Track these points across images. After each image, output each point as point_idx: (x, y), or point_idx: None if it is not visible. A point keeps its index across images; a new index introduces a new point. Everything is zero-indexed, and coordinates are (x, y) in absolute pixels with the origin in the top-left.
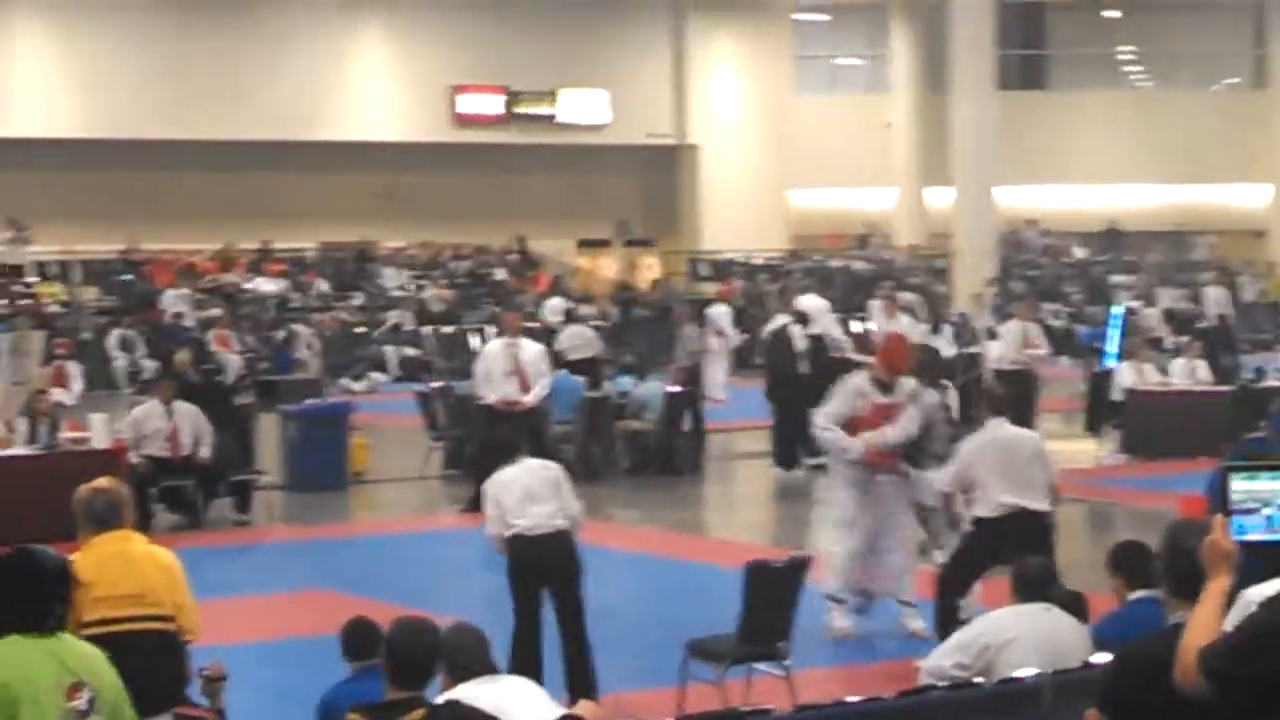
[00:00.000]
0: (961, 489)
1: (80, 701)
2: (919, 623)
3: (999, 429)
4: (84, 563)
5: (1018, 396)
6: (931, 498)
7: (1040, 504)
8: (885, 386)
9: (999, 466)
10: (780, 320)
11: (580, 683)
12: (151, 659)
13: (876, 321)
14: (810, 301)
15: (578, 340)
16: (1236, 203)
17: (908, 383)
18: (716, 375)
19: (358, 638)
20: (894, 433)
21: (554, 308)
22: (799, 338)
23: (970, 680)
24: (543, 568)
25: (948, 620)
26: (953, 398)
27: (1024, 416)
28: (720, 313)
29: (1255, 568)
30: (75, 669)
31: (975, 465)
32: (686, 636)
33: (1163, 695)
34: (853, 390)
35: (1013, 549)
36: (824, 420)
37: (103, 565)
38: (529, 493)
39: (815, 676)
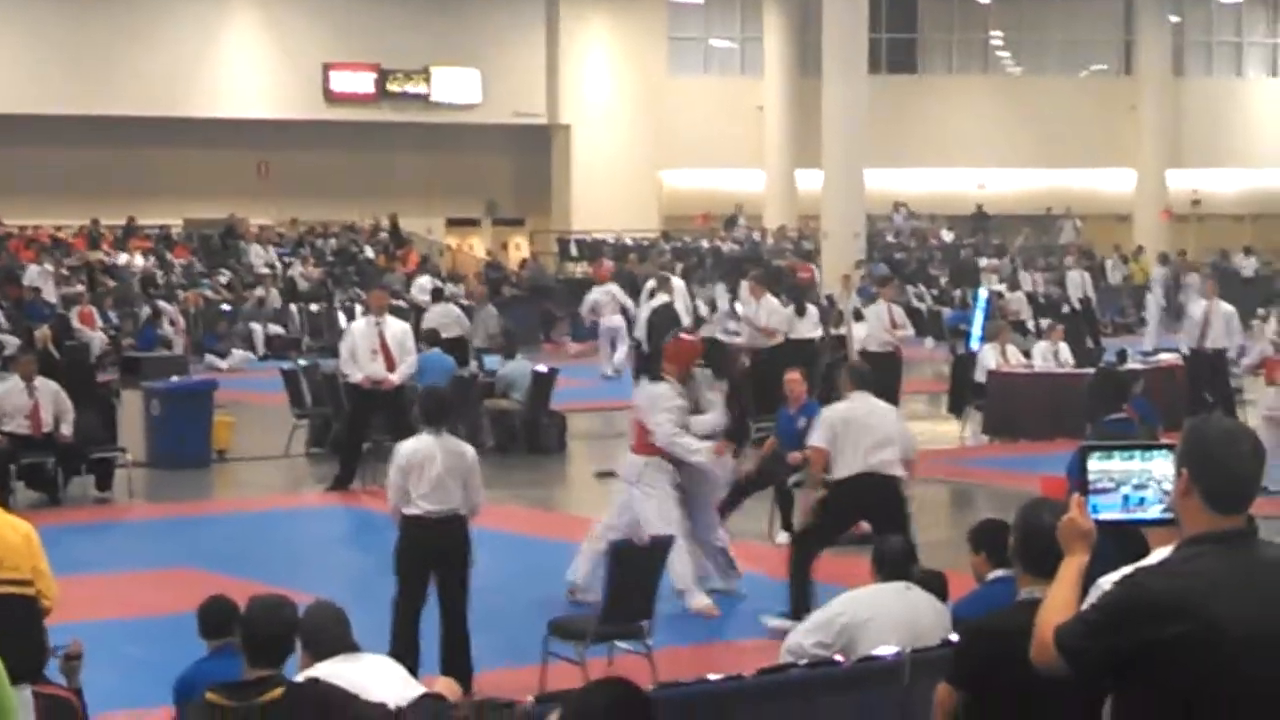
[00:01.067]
0: (830, 446)
1: None
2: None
3: (862, 401)
4: None
5: (883, 378)
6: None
7: (894, 470)
8: (683, 382)
9: (858, 434)
10: (663, 298)
11: (457, 665)
12: (9, 623)
13: (744, 303)
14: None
15: (445, 319)
16: (1102, 188)
17: (697, 373)
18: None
19: (214, 616)
20: (714, 420)
21: (422, 286)
22: (684, 314)
23: (830, 658)
24: (435, 550)
25: (801, 587)
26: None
27: (889, 398)
28: (615, 290)
29: (1108, 547)
30: None
31: (838, 426)
32: (549, 615)
33: (1013, 668)
34: (671, 393)
35: (869, 516)
36: (672, 428)
37: None
38: (441, 481)
39: (676, 655)
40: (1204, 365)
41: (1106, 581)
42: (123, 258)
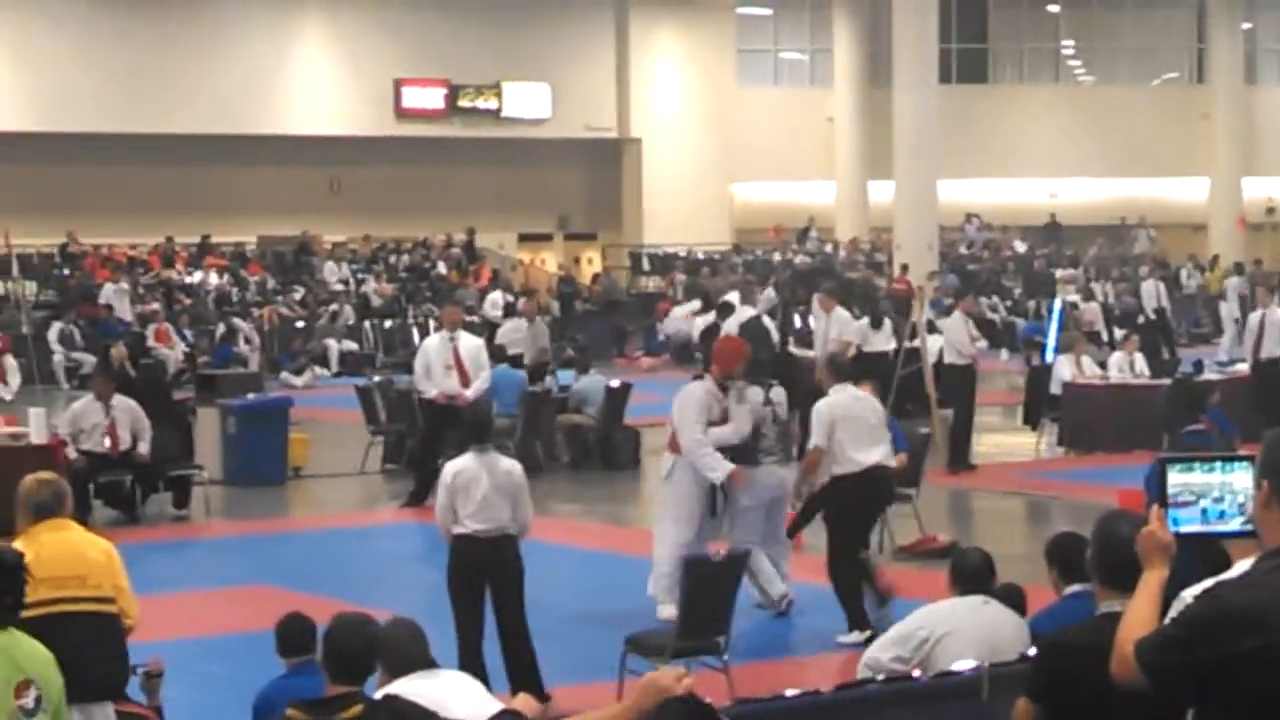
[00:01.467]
0: (826, 443)
1: (27, 700)
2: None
3: (845, 392)
4: (25, 548)
5: (960, 390)
6: (767, 492)
7: (890, 461)
8: (723, 388)
9: (851, 428)
10: (749, 311)
11: (527, 683)
12: (93, 639)
13: (815, 317)
14: (734, 296)
15: (517, 334)
16: (1176, 197)
17: (736, 383)
18: None
19: (292, 634)
20: (732, 433)
21: (494, 302)
22: (773, 330)
23: (908, 673)
24: (485, 569)
25: (852, 600)
26: (778, 394)
27: (965, 411)
28: (691, 307)
29: (1189, 560)
30: (26, 666)
31: (830, 421)
32: (626, 631)
33: (1090, 682)
34: (705, 397)
35: (864, 514)
36: (700, 436)
37: (44, 549)
38: (488, 500)
39: (753, 670)
40: (1264, 375)
41: (1189, 595)
42: (198, 275)
